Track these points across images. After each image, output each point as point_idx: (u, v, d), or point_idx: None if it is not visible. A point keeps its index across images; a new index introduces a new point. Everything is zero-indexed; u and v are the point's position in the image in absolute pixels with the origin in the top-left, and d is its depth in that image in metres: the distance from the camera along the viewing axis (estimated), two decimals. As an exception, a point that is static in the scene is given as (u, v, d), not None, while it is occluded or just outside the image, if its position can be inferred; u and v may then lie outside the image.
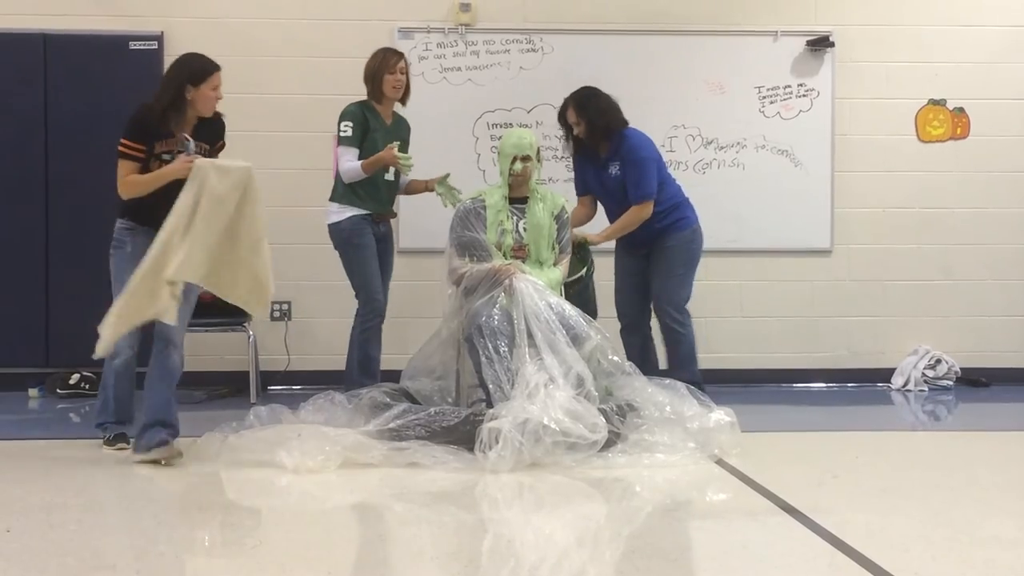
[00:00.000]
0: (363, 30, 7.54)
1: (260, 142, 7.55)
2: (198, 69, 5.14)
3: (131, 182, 5.04)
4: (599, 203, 6.40)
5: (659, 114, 7.54)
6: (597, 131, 6.12)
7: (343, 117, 6.15)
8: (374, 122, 6.16)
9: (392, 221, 6.41)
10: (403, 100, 6.30)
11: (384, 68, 6.15)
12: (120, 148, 5.03)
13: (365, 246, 6.13)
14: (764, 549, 3.83)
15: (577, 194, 6.44)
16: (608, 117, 6.14)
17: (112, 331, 4.80)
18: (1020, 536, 4.02)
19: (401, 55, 6.25)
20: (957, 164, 7.92)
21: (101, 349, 4.81)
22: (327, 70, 7.54)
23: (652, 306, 6.30)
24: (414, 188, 6.38)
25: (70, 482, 4.67)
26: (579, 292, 5.91)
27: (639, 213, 6.10)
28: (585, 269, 5.98)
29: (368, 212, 6.14)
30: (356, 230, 6.14)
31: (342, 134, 6.14)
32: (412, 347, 6.09)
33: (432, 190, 6.24)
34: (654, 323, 6.37)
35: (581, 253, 6.04)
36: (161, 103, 5.06)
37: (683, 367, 6.12)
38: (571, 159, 6.59)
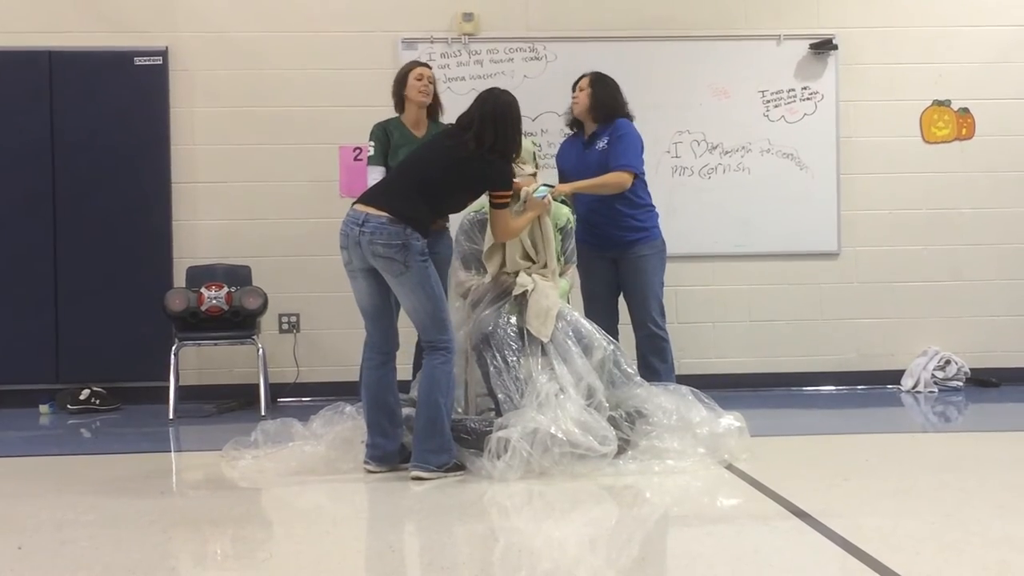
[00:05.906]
0: (367, 42, 7.57)
1: (266, 154, 7.58)
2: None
3: (517, 228, 5.29)
4: None
5: (664, 120, 7.55)
6: (596, 105, 6.00)
7: (369, 136, 5.98)
8: (399, 137, 5.90)
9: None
10: (432, 112, 6.02)
11: (406, 74, 5.96)
12: (507, 200, 5.12)
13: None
14: (775, 554, 3.82)
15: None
16: (613, 99, 6.04)
17: None
18: (1032, 537, 4.00)
19: (426, 65, 6.06)
20: (963, 164, 7.90)
21: None
22: (331, 82, 7.57)
23: (633, 317, 6.12)
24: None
25: (81, 498, 4.67)
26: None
27: (619, 178, 5.89)
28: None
29: None
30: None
31: (368, 154, 6.01)
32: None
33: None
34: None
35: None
36: (512, 149, 5.12)
37: (670, 375, 6.05)
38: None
